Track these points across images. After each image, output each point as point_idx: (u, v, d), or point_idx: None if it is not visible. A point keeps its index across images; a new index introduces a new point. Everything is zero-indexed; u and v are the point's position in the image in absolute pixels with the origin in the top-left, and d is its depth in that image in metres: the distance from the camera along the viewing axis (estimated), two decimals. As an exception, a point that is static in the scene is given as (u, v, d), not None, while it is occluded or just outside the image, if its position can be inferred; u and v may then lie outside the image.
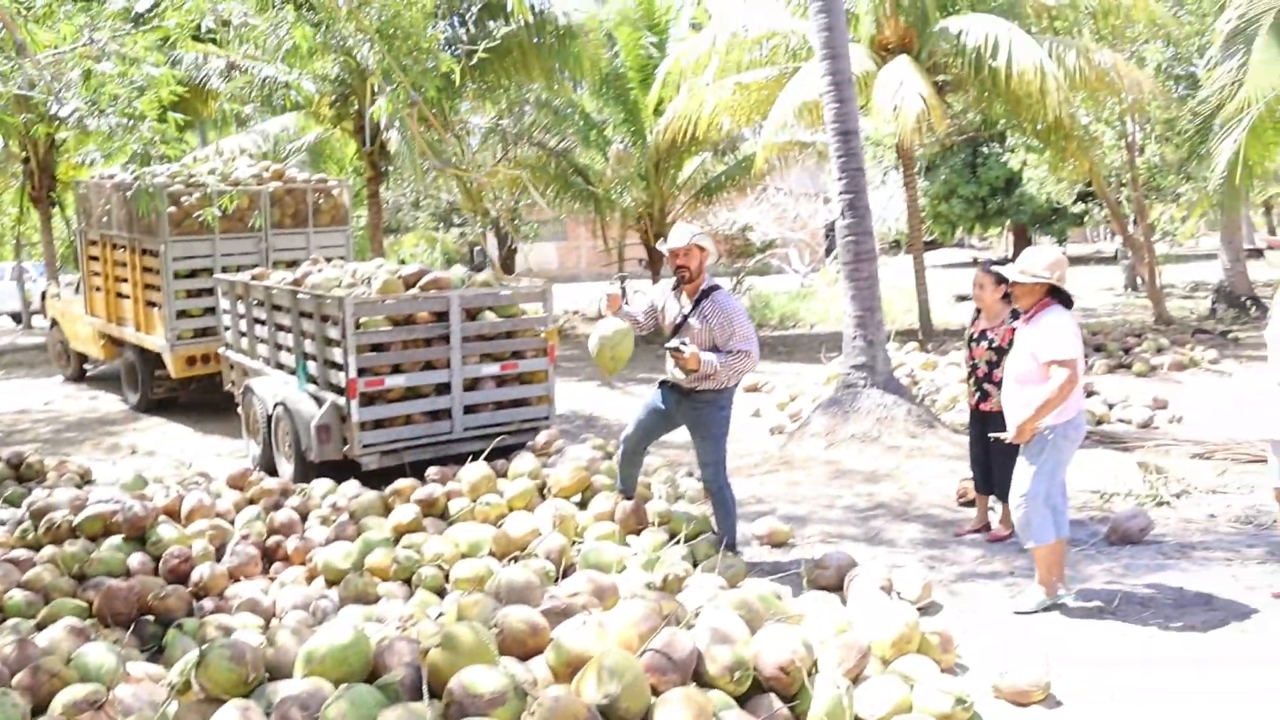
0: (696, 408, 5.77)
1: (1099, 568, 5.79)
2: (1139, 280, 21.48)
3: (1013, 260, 5.26)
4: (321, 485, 7.02)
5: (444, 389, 7.91)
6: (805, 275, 28.78)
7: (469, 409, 8.02)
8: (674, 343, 5.65)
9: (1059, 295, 5.14)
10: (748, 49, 15.88)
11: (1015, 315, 5.71)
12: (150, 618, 5.01)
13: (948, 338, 15.50)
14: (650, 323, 6.02)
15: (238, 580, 5.61)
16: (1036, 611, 5.15)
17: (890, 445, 8.36)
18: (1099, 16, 15.10)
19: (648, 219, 19.05)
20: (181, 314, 11.03)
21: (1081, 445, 8.50)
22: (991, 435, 5.78)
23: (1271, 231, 35.41)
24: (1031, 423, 5.02)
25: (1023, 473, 5.17)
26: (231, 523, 6.39)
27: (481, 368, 8.06)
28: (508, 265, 24.32)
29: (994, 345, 6.18)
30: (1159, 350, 13.97)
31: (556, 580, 5.11)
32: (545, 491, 6.59)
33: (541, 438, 7.89)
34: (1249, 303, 17.59)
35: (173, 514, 6.23)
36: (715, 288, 5.79)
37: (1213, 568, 5.70)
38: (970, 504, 6.84)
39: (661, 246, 5.93)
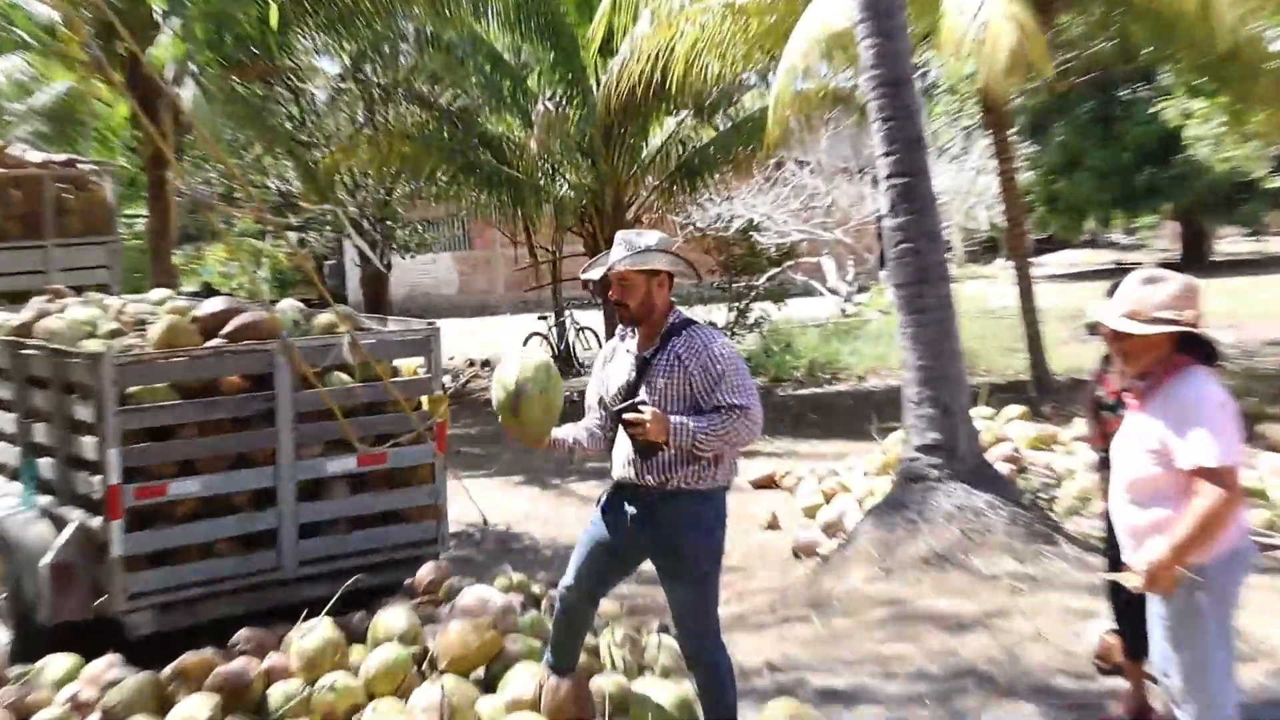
0: (669, 528, 5.60)
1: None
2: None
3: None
4: (57, 665, 6.80)
5: (266, 498, 7.81)
6: (848, 297, 29.05)
7: (307, 530, 7.96)
8: (629, 403, 5.47)
9: (1195, 346, 4.97)
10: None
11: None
12: None
13: (1076, 393, 15.35)
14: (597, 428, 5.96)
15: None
16: None
17: (984, 574, 8.34)
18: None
19: (594, 216, 19.11)
20: None
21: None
22: (1105, 577, 5.88)
23: None
24: (1170, 566, 4.80)
25: (1181, 647, 4.99)
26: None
27: (327, 462, 8.00)
28: (376, 292, 24.26)
29: (1145, 415, 6.12)
30: None
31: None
32: (428, 665, 6.42)
33: (424, 574, 7.80)
34: None
35: None
36: (690, 322, 5.73)
37: None
38: (1117, 670, 6.81)
39: (583, 276, 5.98)
